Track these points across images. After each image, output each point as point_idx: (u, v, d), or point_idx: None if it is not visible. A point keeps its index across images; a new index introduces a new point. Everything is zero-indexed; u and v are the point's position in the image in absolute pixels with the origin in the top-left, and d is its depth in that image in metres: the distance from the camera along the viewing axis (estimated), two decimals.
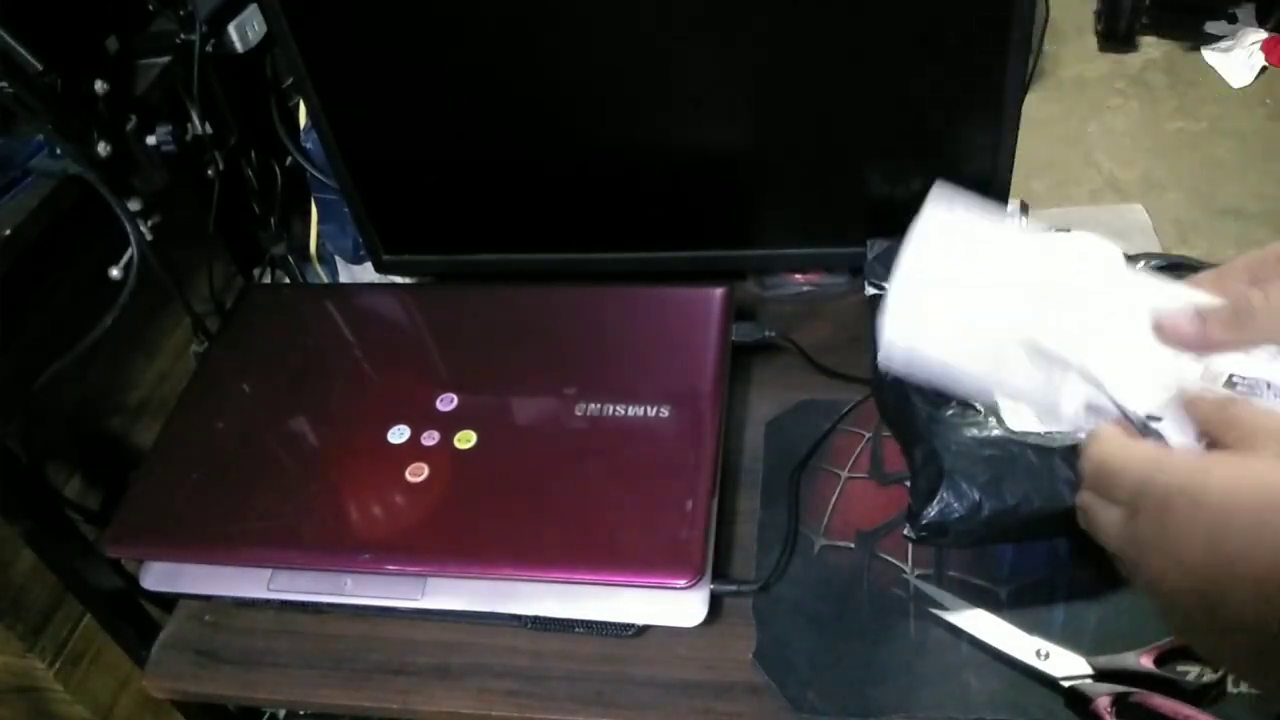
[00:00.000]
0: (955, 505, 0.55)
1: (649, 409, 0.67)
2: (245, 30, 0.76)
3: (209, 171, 0.77)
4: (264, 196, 0.88)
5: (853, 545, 0.66)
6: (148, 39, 0.72)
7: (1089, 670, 0.56)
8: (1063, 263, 0.46)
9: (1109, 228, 0.91)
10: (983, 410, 0.59)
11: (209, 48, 0.73)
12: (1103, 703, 0.55)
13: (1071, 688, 0.56)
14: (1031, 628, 0.59)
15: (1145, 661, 0.56)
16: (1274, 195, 2.01)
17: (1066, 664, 0.57)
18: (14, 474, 0.63)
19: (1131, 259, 0.63)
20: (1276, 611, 0.33)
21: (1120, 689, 0.55)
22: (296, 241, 0.93)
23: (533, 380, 0.71)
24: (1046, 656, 0.57)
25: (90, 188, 0.63)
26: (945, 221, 0.46)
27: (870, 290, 0.67)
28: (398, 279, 0.88)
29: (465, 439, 0.67)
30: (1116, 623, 0.58)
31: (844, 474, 0.70)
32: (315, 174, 0.85)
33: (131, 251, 0.66)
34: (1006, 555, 0.63)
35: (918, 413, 0.61)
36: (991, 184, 0.73)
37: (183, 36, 0.72)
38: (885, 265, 0.68)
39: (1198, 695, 0.55)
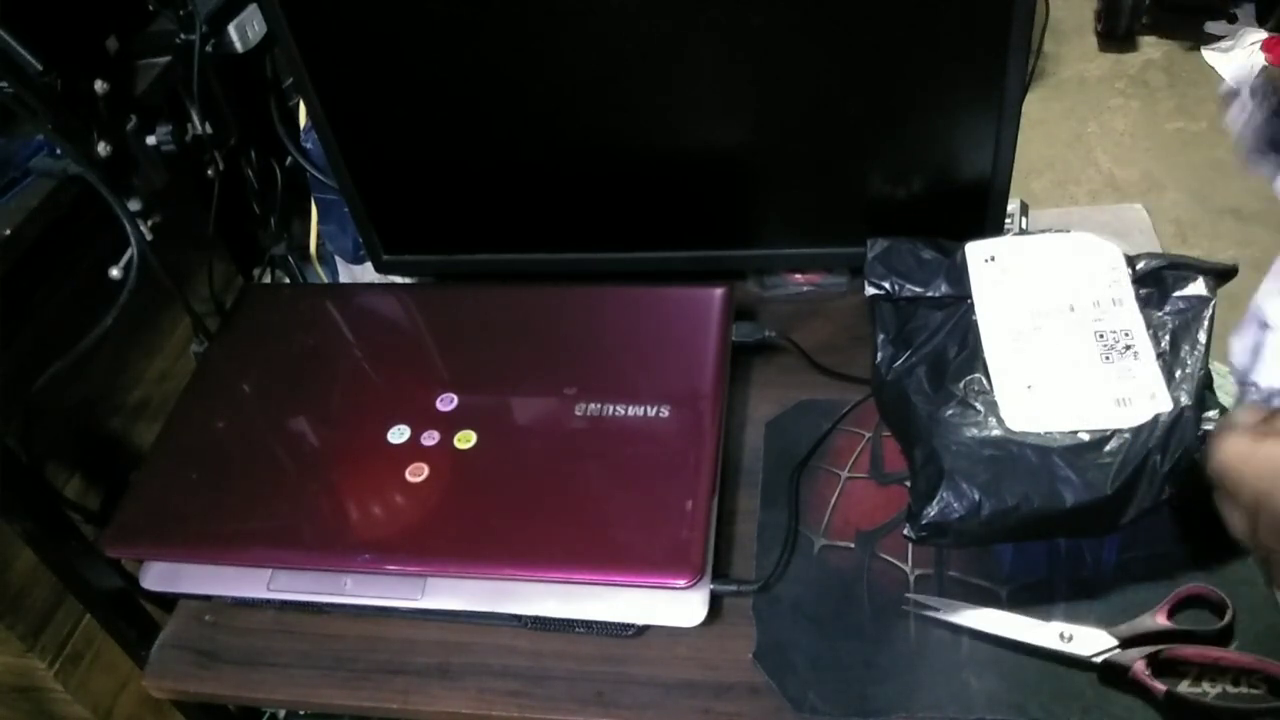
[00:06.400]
0: (955, 505, 0.55)
1: (649, 409, 0.67)
2: (245, 30, 0.76)
3: (209, 171, 0.77)
4: (264, 196, 0.88)
5: (853, 545, 0.66)
6: (148, 39, 0.72)
7: (1114, 642, 0.57)
8: None
9: (1109, 228, 0.91)
10: (982, 410, 0.59)
11: (209, 48, 0.73)
12: (1139, 667, 0.55)
13: (1104, 662, 0.56)
14: None
15: (1161, 619, 0.57)
16: (1274, 195, 2.01)
17: (1092, 641, 0.57)
18: (14, 474, 0.63)
19: (1131, 259, 0.63)
20: None
21: (1150, 649, 0.56)
22: (296, 241, 0.93)
23: (533, 380, 0.71)
24: (1070, 639, 0.58)
25: (90, 188, 0.63)
26: None
27: (870, 290, 0.67)
28: (398, 279, 0.88)
29: (465, 439, 0.67)
30: (1116, 622, 0.58)
31: (844, 474, 0.70)
32: (315, 174, 0.85)
33: (131, 251, 0.66)
34: (1006, 555, 0.63)
35: (918, 413, 0.61)
36: (991, 184, 0.73)
37: (183, 36, 0.72)
38: (885, 265, 0.67)
39: (1220, 637, 0.57)
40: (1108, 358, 0.59)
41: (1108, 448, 0.56)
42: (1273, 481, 0.38)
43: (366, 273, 0.89)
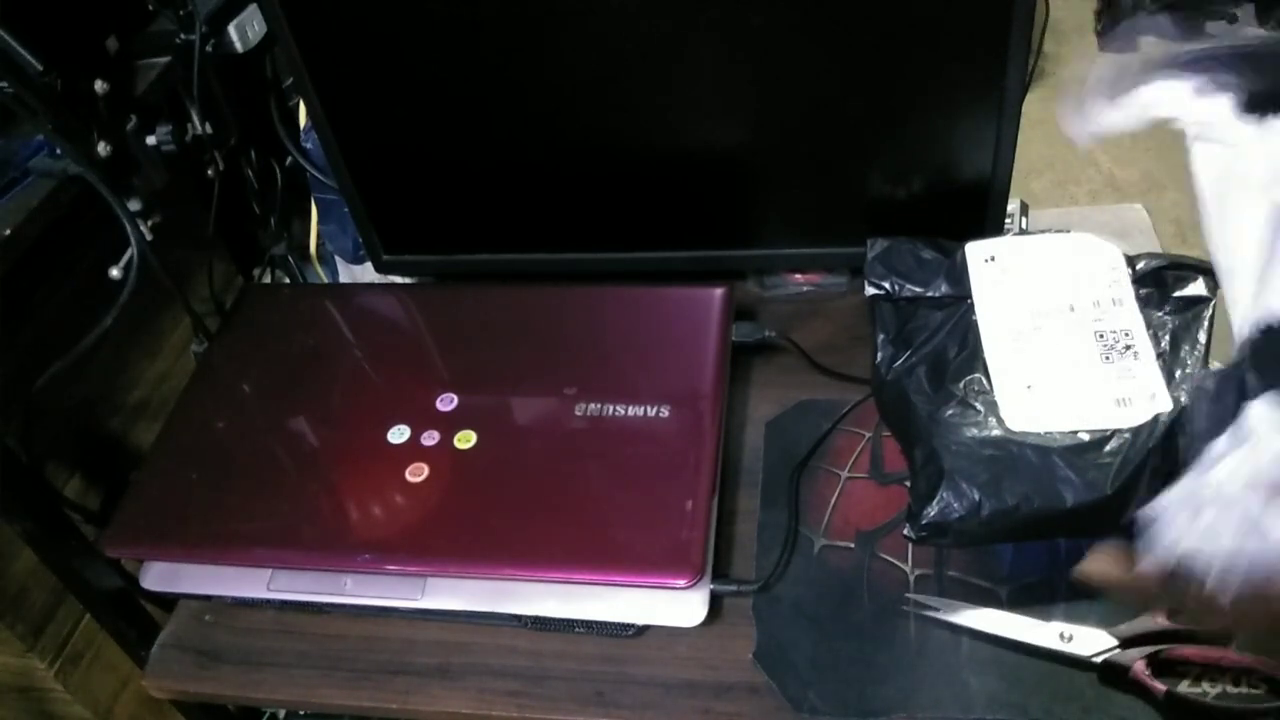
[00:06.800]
0: (955, 505, 0.55)
1: (649, 409, 0.67)
2: (245, 30, 0.76)
3: (209, 171, 0.77)
4: (264, 196, 0.88)
5: (853, 545, 0.66)
6: (148, 39, 0.72)
7: (1114, 642, 0.57)
8: None
9: (1109, 228, 0.91)
10: (982, 410, 0.59)
11: (209, 48, 0.73)
12: (1139, 667, 0.55)
13: (1104, 662, 0.56)
14: None
15: (1161, 619, 0.57)
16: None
17: (1092, 641, 0.57)
18: (14, 474, 0.63)
19: (1131, 259, 0.63)
20: None
21: (1150, 649, 0.56)
22: (296, 241, 0.93)
23: (533, 380, 0.71)
24: (1070, 639, 0.58)
25: (90, 188, 0.63)
26: None
27: (870, 290, 0.67)
28: (398, 279, 0.88)
29: (465, 439, 0.67)
30: (1116, 623, 0.58)
31: (844, 474, 0.70)
32: (315, 174, 0.85)
33: (131, 251, 0.66)
34: (1006, 555, 0.63)
35: (918, 413, 0.61)
36: (991, 184, 0.73)
37: (183, 36, 0.72)
38: (885, 265, 0.67)
39: (1220, 637, 0.56)
40: (1108, 358, 0.59)
41: (1108, 448, 0.56)
42: None
43: (366, 273, 0.89)
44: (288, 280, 0.94)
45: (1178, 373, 0.58)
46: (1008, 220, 0.83)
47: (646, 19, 0.67)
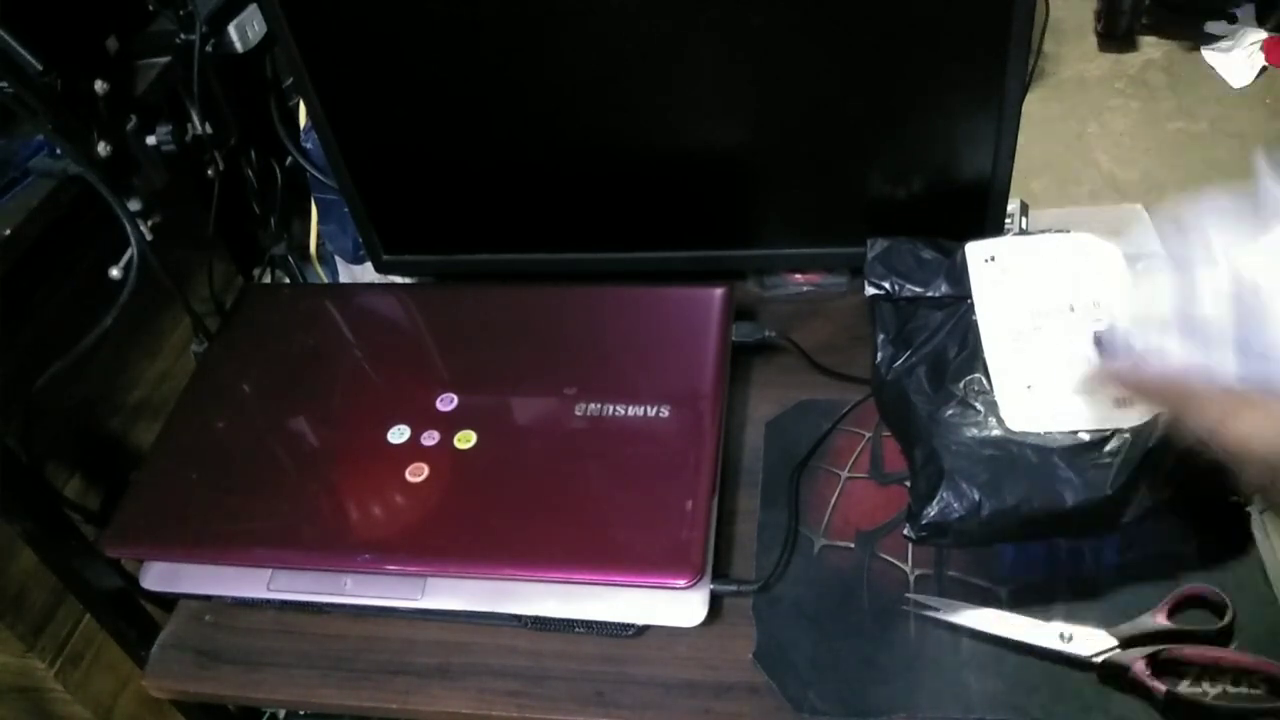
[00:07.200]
0: (955, 505, 0.56)
1: (649, 409, 0.67)
2: (245, 30, 0.76)
3: (209, 171, 0.77)
4: (264, 196, 0.88)
5: (853, 545, 0.66)
6: (148, 39, 0.72)
7: (1114, 641, 0.57)
8: None
9: (1109, 228, 0.91)
10: (982, 410, 0.59)
11: (209, 48, 0.73)
12: (1139, 667, 0.55)
13: (1104, 662, 0.56)
14: None
15: (1161, 619, 0.57)
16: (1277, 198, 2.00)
17: (1092, 641, 0.57)
18: (14, 474, 0.63)
19: (1131, 259, 0.63)
20: None
21: (1150, 649, 0.56)
22: (296, 241, 0.93)
23: (533, 380, 0.71)
24: (1070, 639, 0.58)
25: (90, 188, 0.63)
26: None
27: (870, 290, 0.67)
28: (398, 279, 0.88)
29: (465, 439, 0.67)
30: (1116, 622, 0.58)
31: (844, 474, 0.70)
32: (315, 174, 0.85)
33: (131, 251, 0.66)
34: (1006, 555, 0.63)
35: (918, 413, 0.61)
36: (991, 184, 0.73)
37: (183, 36, 0.72)
38: (885, 265, 0.68)
39: (1220, 637, 0.57)
40: None
41: (1108, 448, 0.56)
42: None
43: (366, 273, 0.89)
44: (288, 280, 0.94)
45: None
46: (1008, 220, 0.83)
47: (646, 19, 0.67)
